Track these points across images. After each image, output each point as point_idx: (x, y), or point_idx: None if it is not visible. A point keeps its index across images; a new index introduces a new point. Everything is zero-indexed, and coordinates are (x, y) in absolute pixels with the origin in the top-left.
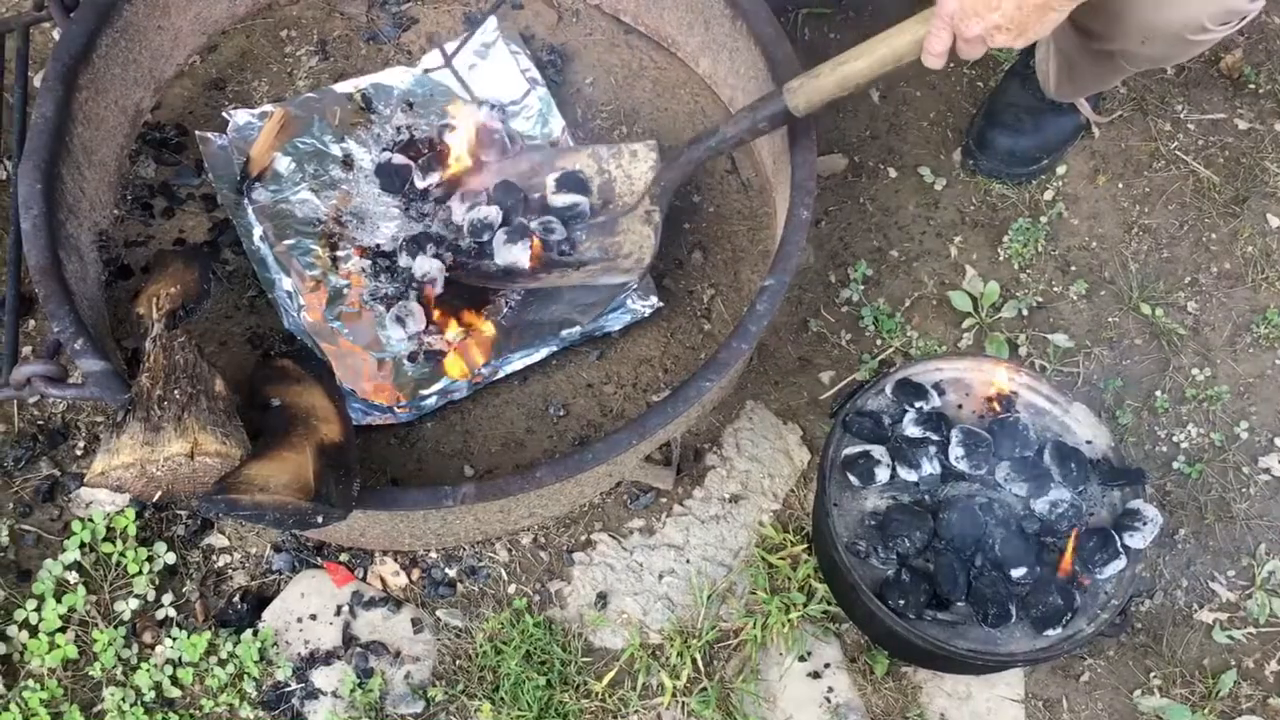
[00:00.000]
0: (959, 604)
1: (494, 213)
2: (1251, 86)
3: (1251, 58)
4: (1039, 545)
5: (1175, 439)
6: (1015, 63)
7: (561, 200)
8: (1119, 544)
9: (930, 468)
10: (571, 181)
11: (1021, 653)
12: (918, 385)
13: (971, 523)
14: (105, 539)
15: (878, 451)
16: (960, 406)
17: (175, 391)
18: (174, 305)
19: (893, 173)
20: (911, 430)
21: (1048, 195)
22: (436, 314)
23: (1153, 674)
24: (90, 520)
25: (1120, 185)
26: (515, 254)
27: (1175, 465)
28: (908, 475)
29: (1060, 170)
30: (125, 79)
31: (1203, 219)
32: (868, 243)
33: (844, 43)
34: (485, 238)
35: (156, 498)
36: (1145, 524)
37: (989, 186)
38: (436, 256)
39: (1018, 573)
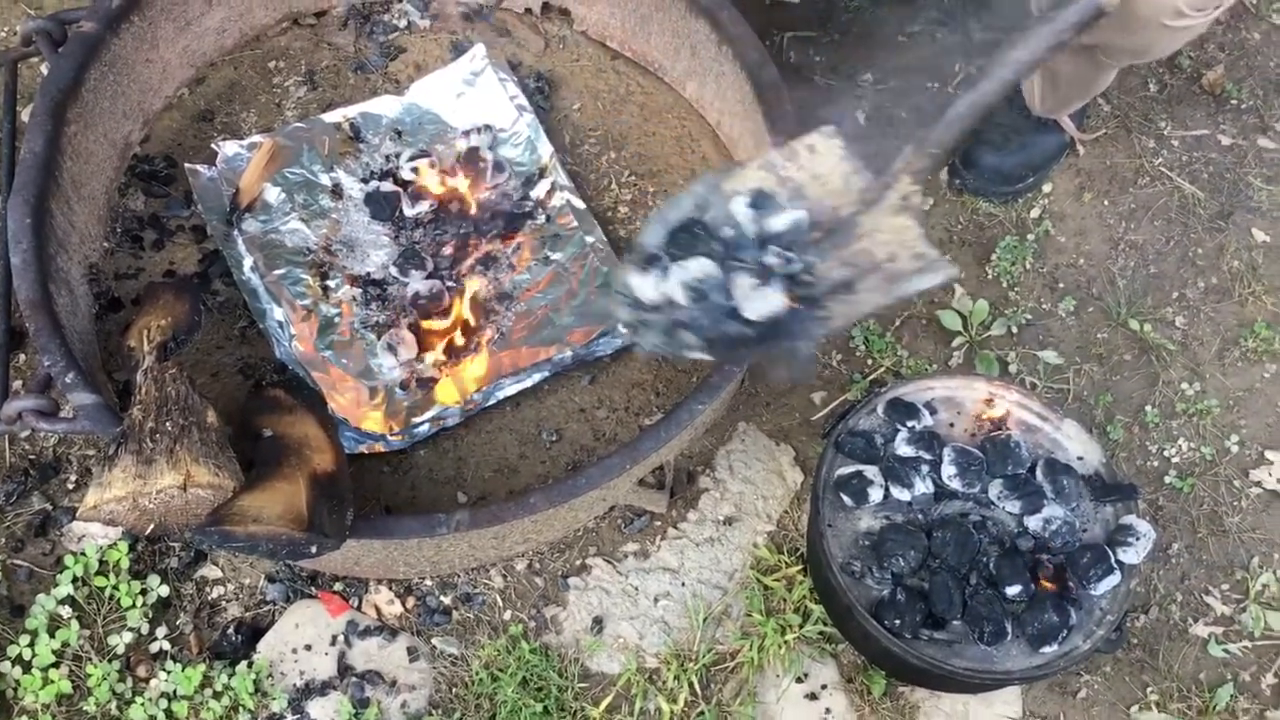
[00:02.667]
0: (955, 623)
1: (708, 265)
2: (1234, 102)
3: (1233, 73)
4: (1033, 563)
5: (1166, 454)
6: None
7: (781, 222)
8: (1113, 560)
9: (923, 487)
10: (763, 201)
11: (1018, 670)
12: (909, 404)
13: (965, 541)
14: (98, 573)
15: (870, 471)
16: (952, 425)
17: (167, 424)
18: (165, 337)
19: None
20: (904, 449)
21: (1034, 213)
22: (427, 337)
23: (1149, 689)
24: (83, 554)
25: (1106, 202)
26: (771, 299)
27: (1167, 480)
28: (901, 495)
29: (1046, 188)
30: (114, 112)
31: (1188, 234)
32: None
33: (829, 65)
34: (715, 298)
35: (149, 530)
36: (1138, 539)
37: (976, 205)
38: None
39: (1013, 590)
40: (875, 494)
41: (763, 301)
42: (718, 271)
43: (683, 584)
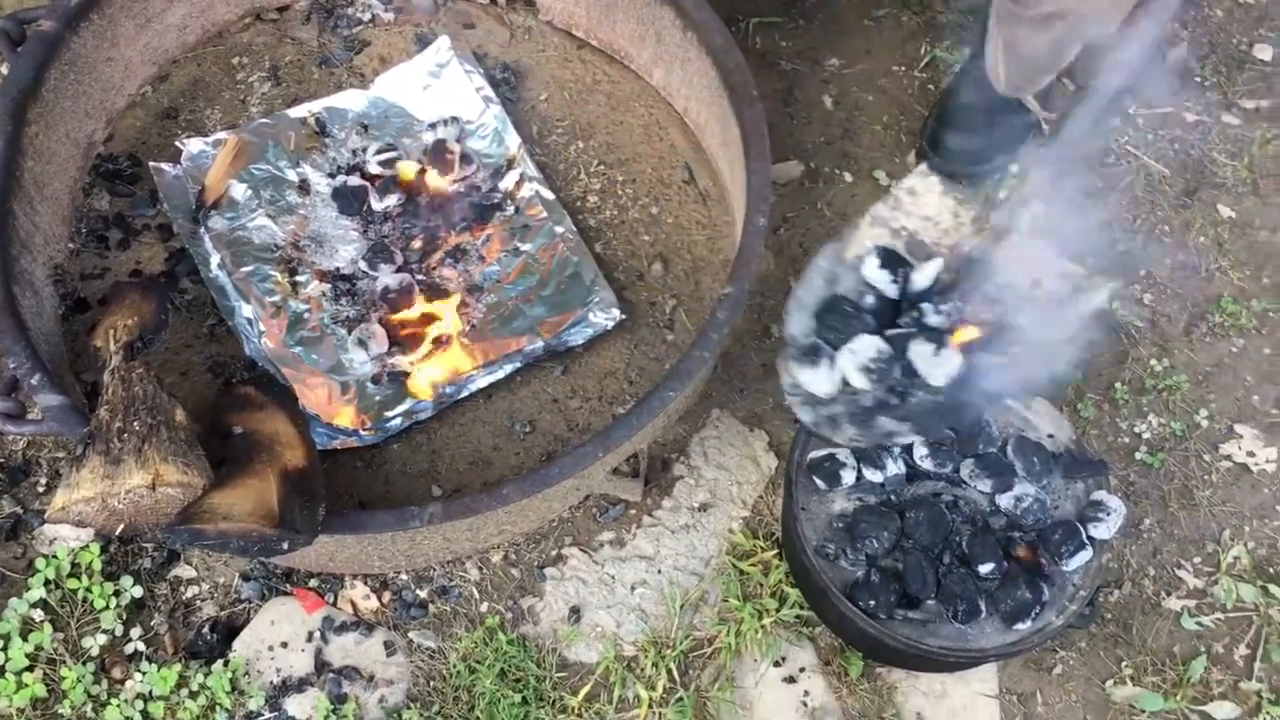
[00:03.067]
0: (929, 602)
1: (877, 342)
2: (1198, 79)
3: (1196, 50)
4: (1005, 540)
5: (1137, 430)
6: (965, 63)
7: (925, 276)
8: (1084, 535)
9: (895, 468)
10: (891, 259)
11: (993, 648)
12: None
13: (938, 521)
14: (70, 575)
15: (843, 454)
16: None
17: (135, 423)
18: (131, 337)
19: (849, 177)
20: None
21: (1003, 194)
22: (401, 331)
23: (1124, 663)
24: (54, 557)
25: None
26: (951, 360)
27: (1138, 456)
28: (873, 476)
29: (1014, 169)
30: (76, 111)
31: (1155, 212)
32: None
33: (795, 50)
34: (894, 373)
35: (119, 531)
36: (1109, 514)
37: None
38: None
39: (985, 569)
40: (848, 476)
41: (944, 364)
42: (887, 345)
43: (659, 571)
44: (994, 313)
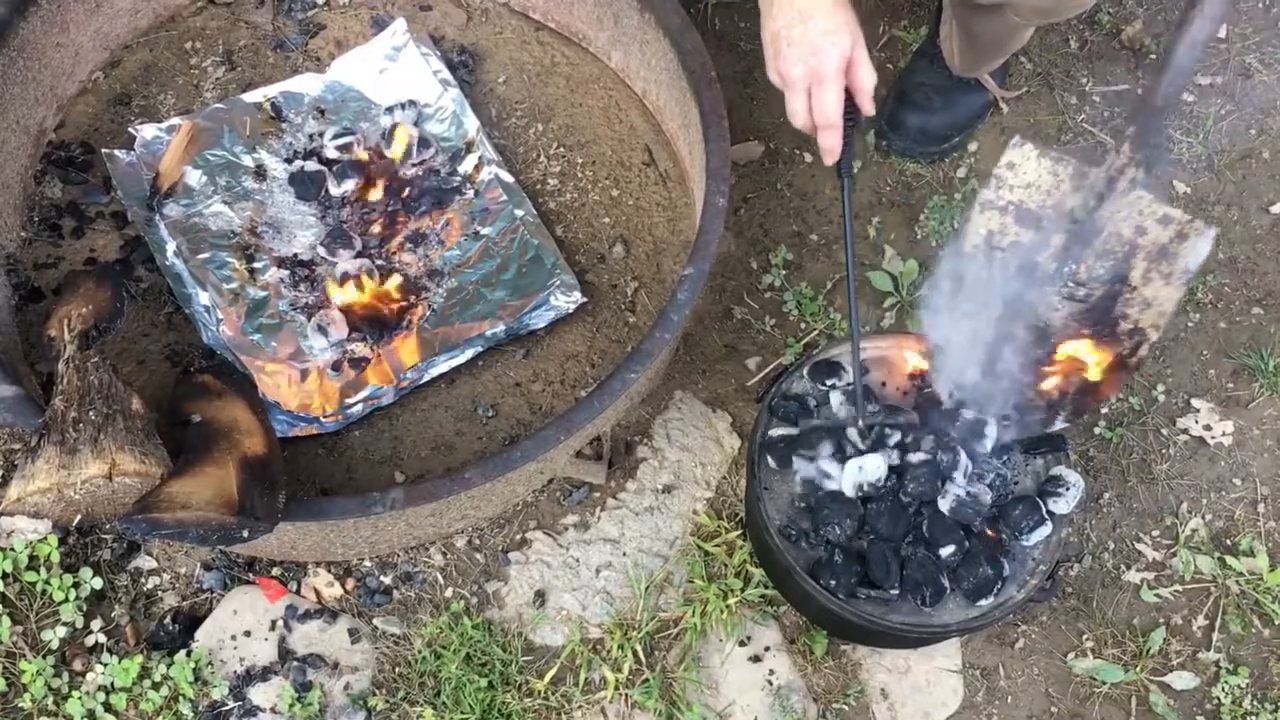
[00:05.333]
0: (893, 590)
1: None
2: (1153, 57)
3: (1151, 28)
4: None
5: None
6: (923, 42)
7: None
8: (1044, 510)
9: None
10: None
11: (955, 623)
12: (836, 364)
13: (898, 515)
14: (28, 567)
15: None
16: (884, 384)
17: (90, 412)
18: (86, 326)
19: (808, 157)
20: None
21: (961, 172)
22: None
23: (1085, 636)
24: (12, 549)
25: None
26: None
27: (1096, 431)
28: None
29: (972, 147)
30: (25, 98)
31: None
32: (787, 228)
33: (754, 31)
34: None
35: (77, 522)
36: (1068, 489)
37: (903, 166)
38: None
39: (946, 551)
40: None
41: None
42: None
43: (624, 554)
44: (1104, 269)
